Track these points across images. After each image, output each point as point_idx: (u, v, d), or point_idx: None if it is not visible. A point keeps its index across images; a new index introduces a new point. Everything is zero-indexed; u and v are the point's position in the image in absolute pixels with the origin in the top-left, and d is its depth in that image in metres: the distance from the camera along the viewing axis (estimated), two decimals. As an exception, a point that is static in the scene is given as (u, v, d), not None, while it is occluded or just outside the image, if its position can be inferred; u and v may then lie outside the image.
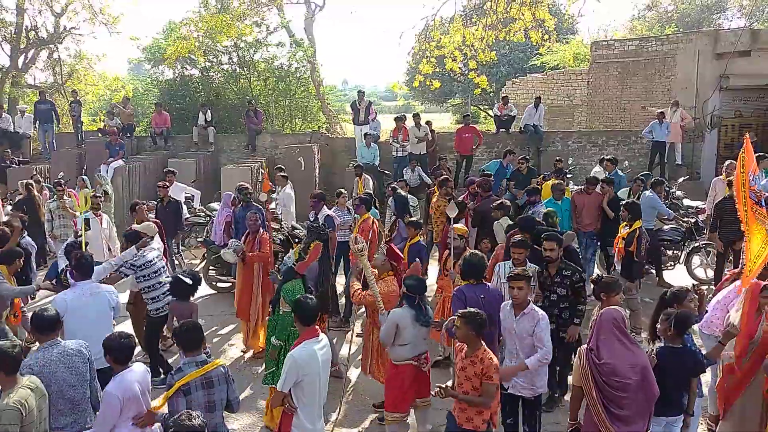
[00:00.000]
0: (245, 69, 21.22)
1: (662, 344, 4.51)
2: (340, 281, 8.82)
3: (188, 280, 5.72)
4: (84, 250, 6.29)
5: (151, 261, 6.51)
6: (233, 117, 19.89)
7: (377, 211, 9.46)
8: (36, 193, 10.66)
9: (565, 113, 21.60)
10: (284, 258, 6.81)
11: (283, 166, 11.79)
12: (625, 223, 7.86)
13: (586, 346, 4.40)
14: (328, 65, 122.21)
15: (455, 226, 6.67)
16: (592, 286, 5.18)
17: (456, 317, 4.37)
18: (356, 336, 7.62)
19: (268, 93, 21.36)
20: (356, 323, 7.82)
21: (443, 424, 5.80)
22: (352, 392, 6.66)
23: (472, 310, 4.35)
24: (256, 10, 21.02)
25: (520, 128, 15.89)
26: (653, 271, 10.01)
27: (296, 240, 8.78)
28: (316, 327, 4.38)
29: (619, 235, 7.86)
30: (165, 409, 4.03)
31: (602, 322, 4.32)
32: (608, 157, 12.40)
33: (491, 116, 21.79)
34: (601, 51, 19.51)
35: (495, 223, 8.05)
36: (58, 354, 4.20)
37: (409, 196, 9.94)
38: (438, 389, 4.26)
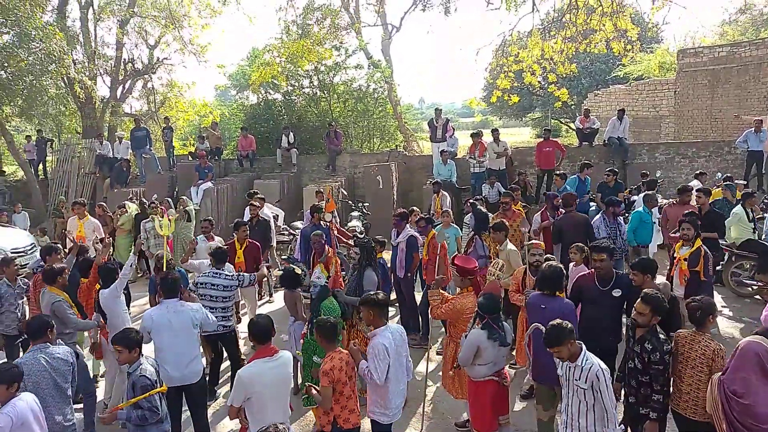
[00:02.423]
0: (325, 92, 21.78)
1: None
2: (419, 298, 8.81)
3: (298, 270, 6.20)
4: (165, 268, 6.63)
5: (206, 284, 6.54)
6: (314, 138, 20.42)
7: (458, 228, 9.42)
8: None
9: (651, 125, 20.83)
10: (312, 278, 6.89)
11: (258, 192, 12.04)
12: (681, 243, 7.08)
13: (719, 375, 4.22)
14: (405, 84, 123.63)
15: (534, 241, 6.58)
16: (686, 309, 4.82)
17: None
18: (436, 354, 7.63)
19: (347, 114, 21.82)
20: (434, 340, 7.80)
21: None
22: (432, 410, 6.61)
23: None
24: (335, 35, 21.58)
25: (604, 141, 15.44)
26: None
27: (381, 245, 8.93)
28: (273, 346, 4.52)
29: (678, 255, 7.06)
30: (125, 413, 4.40)
31: (744, 355, 4.05)
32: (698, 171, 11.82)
33: (573, 129, 21.31)
34: (689, 59, 18.73)
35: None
36: (46, 355, 4.74)
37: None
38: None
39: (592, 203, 11.53)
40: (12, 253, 11.54)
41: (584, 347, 4.35)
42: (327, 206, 8.63)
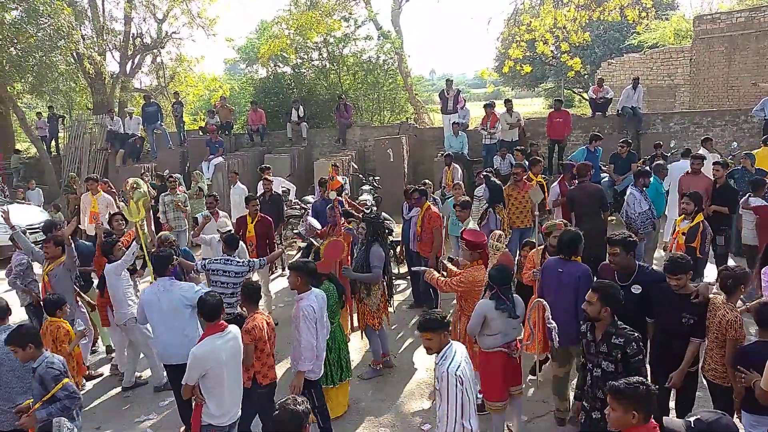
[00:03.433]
0: (335, 64, 21.60)
1: None
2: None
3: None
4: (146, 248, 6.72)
5: (218, 271, 6.43)
6: (324, 112, 20.32)
7: (469, 199, 9.36)
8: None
9: (665, 94, 20.49)
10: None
11: (270, 166, 12.09)
12: (682, 216, 6.98)
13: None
14: (416, 56, 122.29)
15: (558, 221, 6.38)
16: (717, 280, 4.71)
17: None
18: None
19: (357, 86, 21.65)
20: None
21: (540, 415, 5.76)
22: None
23: None
24: (344, 5, 21.30)
25: (618, 111, 15.22)
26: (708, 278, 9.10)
27: (388, 231, 8.92)
28: (221, 322, 4.56)
29: (678, 229, 7.02)
30: (44, 411, 4.26)
31: None
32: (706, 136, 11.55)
33: (586, 100, 21.02)
34: (705, 25, 18.32)
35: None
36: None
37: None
38: None
39: (604, 174, 11.43)
40: (27, 228, 11.70)
41: (452, 344, 3.98)
42: (331, 184, 8.56)
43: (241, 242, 7.41)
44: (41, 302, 6.49)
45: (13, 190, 15.65)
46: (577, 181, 8.71)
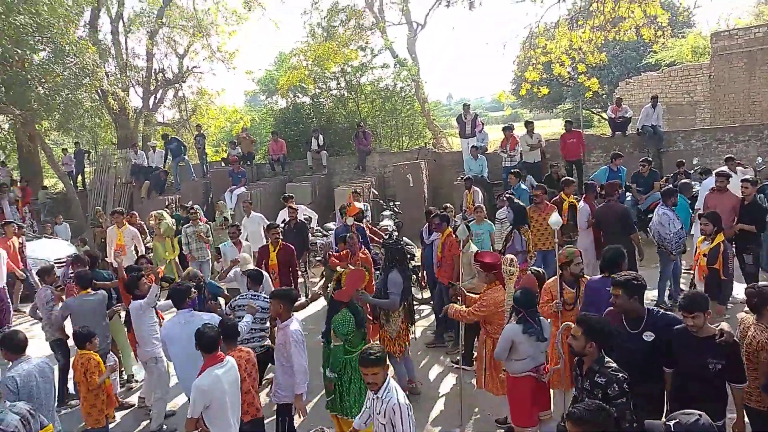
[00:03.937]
0: (353, 92, 21.85)
1: None
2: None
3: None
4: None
5: (244, 307, 6.44)
6: (344, 140, 20.50)
7: (491, 223, 9.35)
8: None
9: (685, 111, 20.35)
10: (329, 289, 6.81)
11: (293, 195, 12.26)
12: (703, 237, 6.84)
13: None
14: (432, 82, 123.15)
15: (571, 248, 5.98)
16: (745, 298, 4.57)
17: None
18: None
19: (375, 114, 21.86)
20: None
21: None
22: (469, 407, 6.57)
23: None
24: (360, 35, 21.64)
25: (638, 130, 15.14)
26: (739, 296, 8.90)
27: (410, 256, 8.91)
28: (220, 353, 4.63)
29: (699, 251, 6.85)
30: None
31: None
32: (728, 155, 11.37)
33: (605, 119, 20.94)
34: (723, 42, 18.25)
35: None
36: (34, 366, 4.80)
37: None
38: None
39: (628, 193, 11.33)
40: (55, 263, 11.86)
41: (389, 379, 4.02)
42: (348, 210, 8.59)
43: (264, 273, 7.47)
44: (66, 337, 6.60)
45: (42, 225, 15.95)
46: (604, 201, 8.65)
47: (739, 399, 4.24)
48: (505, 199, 9.54)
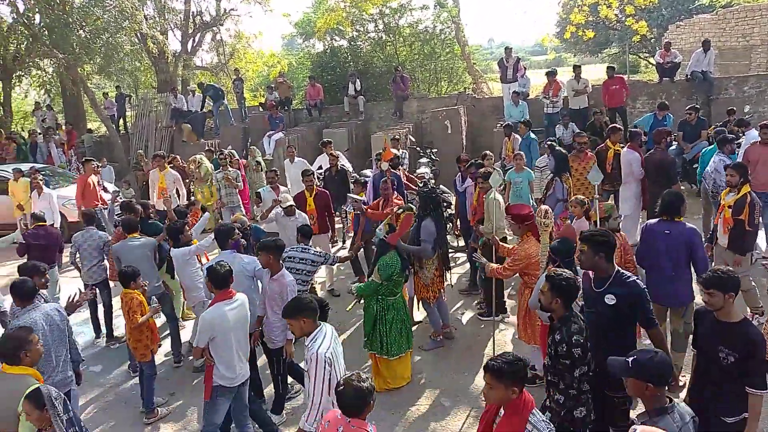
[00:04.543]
0: (391, 35, 21.44)
1: None
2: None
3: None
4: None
5: (294, 258, 6.52)
6: (381, 85, 20.24)
7: (530, 171, 9.20)
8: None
9: (740, 56, 19.38)
10: (376, 230, 6.79)
11: (331, 140, 12.04)
12: (728, 189, 6.61)
13: None
14: (473, 24, 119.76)
15: (609, 203, 5.96)
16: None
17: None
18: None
19: (413, 58, 21.45)
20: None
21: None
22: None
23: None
24: (400, -25, 21.07)
25: (687, 75, 14.53)
26: (763, 246, 8.46)
27: (446, 204, 8.86)
28: (230, 290, 4.76)
29: (723, 202, 6.62)
30: None
31: None
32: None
33: (652, 65, 20.16)
34: (785, -20, 17.17)
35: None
36: (41, 314, 4.68)
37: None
38: None
39: (674, 142, 10.98)
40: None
41: (322, 327, 4.02)
42: (384, 155, 8.50)
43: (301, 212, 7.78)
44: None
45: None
46: (650, 149, 8.44)
47: (753, 408, 3.69)
48: (546, 146, 9.35)
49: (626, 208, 8.73)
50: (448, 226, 8.67)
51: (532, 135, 11.40)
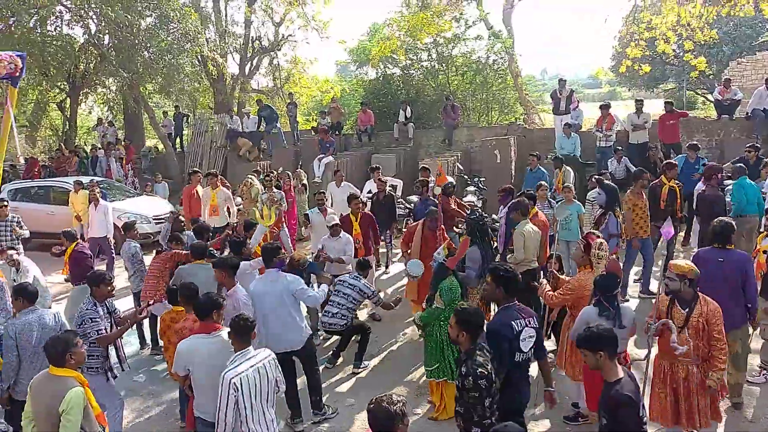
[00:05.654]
0: (443, 64, 21.56)
1: None
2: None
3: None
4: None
5: (344, 282, 6.88)
6: (431, 113, 20.33)
7: (580, 204, 9.07)
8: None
9: (804, 95, 18.70)
10: (434, 254, 6.74)
11: (380, 166, 12.11)
12: (764, 233, 6.49)
13: None
14: (527, 55, 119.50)
15: (675, 262, 4.95)
16: None
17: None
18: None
19: (465, 87, 21.49)
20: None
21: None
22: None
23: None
24: (455, 6, 21.23)
25: (747, 113, 14.12)
26: None
27: (493, 232, 8.79)
28: (214, 324, 4.64)
29: (759, 246, 6.36)
30: None
31: None
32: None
33: (710, 101, 19.66)
34: None
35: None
36: (36, 317, 5.03)
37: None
38: None
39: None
40: (153, 219, 12.63)
41: (246, 352, 4.27)
42: (438, 179, 8.44)
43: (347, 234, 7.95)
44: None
45: (143, 183, 16.98)
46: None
47: None
48: (595, 180, 9.22)
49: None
50: (496, 256, 8.58)
51: (542, 168, 11.61)
